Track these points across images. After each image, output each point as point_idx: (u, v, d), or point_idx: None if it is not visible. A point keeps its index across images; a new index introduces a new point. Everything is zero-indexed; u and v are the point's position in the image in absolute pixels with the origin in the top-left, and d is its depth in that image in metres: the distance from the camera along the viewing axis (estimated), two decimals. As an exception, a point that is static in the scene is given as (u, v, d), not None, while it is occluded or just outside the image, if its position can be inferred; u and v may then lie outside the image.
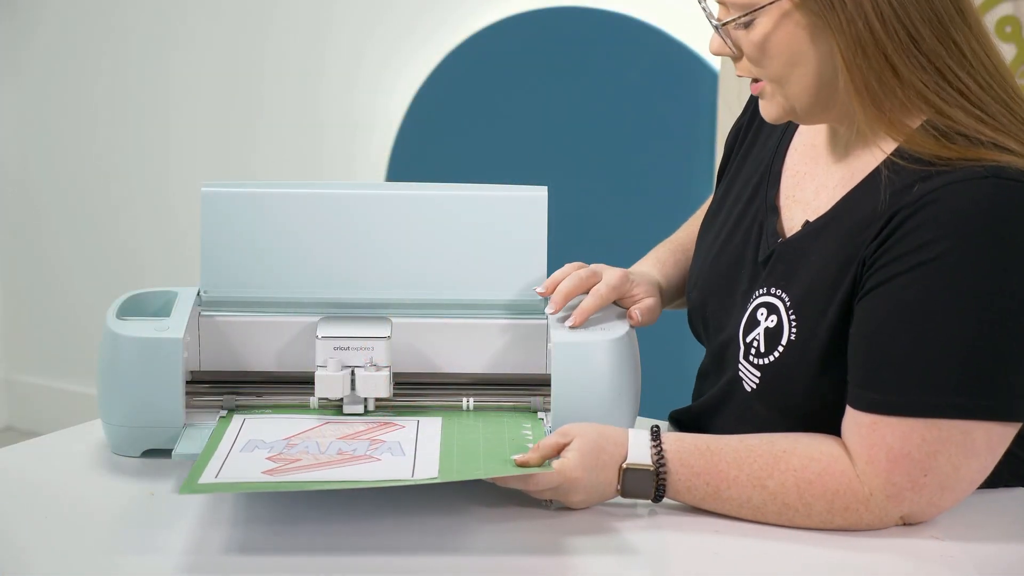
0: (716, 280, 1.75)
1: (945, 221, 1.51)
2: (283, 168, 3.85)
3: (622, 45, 3.37)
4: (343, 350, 1.70)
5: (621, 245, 2.00)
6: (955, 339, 1.50)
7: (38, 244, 4.20)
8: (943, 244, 1.51)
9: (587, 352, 1.68)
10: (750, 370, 1.65)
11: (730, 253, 1.74)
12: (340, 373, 1.69)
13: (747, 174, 1.79)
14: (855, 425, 1.54)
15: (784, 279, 1.64)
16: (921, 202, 1.53)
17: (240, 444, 1.63)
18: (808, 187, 1.69)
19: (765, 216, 1.71)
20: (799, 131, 1.75)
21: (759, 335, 1.64)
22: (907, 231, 1.53)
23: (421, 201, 1.79)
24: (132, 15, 3.96)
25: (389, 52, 3.69)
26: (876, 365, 1.53)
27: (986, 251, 1.50)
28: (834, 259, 1.59)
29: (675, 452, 1.56)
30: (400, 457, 1.60)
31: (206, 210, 1.77)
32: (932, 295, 1.51)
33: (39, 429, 4.07)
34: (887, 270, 1.53)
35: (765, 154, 1.78)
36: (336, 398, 1.71)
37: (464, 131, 3.57)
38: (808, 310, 1.60)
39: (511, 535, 1.52)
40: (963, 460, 1.52)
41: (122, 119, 4.02)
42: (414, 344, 1.76)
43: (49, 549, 1.50)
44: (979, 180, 1.51)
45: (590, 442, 1.56)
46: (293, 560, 1.47)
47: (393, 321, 1.74)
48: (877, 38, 1.54)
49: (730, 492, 1.55)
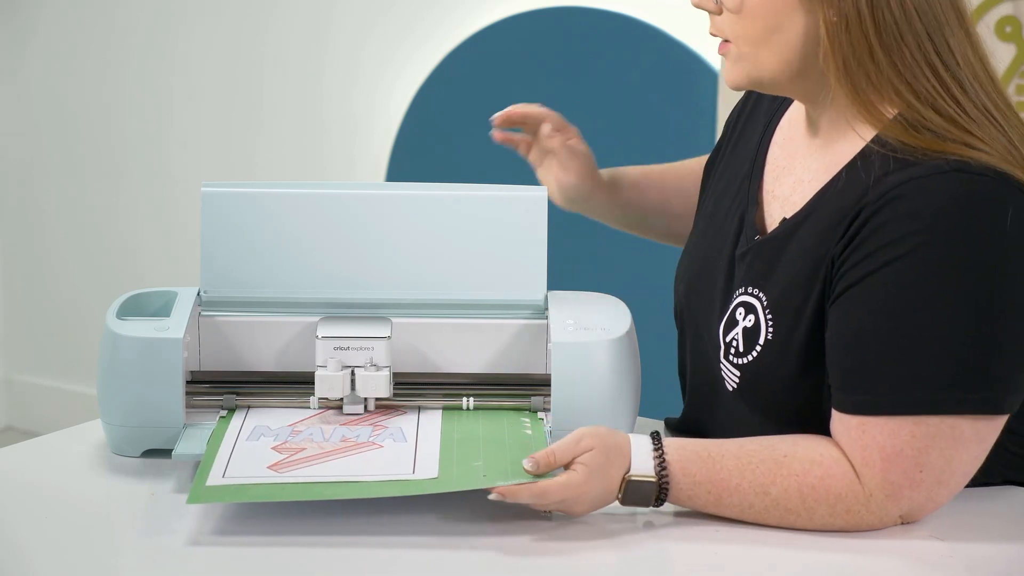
0: (697, 274, 1.76)
1: (912, 216, 1.51)
2: (283, 168, 3.85)
3: (622, 45, 3.37)
4: (343, 350, 1.70)
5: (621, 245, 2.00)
6: (932, 334, 1.50)
7: (38, 244, 4.20)
8: (911, 240, 1.50)
9: (587, 352, 1.68)
10: (730, 370, 1.65)
11: (713, 247, 1.74)
12: (340, 373, 1.69)
13: (733, 168, 1.79)
14: (844, 428, 1.54)
15: (762, 278, 1.64)
16: (886, 198, 1.52)
17: (246, 433, 1.65)
18: (786, 182, 1.69)
19: (746, 209, 1.71)
20: (780, 125, 1.75)
21: (738, 334, 1.64)
22: (873, 228, 1.52)
23: (421, 201, 1.79)
24: (132, 15, 3.96)
25: (389, 52, 3.69)
26: (856, 367, 1.53)
27: (956, 245, 1.50)
28: (808, 258, 1.59)
29: (677, 461, 1.55)
30: (402, 443, 1.63)
31: (206, 210, 1.77)
32: (905, 291, 1.51)
33: (39, 429, 4.07)
34: (857, 270, 1.53)
35: (749, 148, 1.77)
36: (336, 398, 1.71)
37: (464, 131, 3.57)
38: (784, 310, 1.60)
39: (510, 535, 1.52)
40: (955, 453, 1.52)
41: (122, 119, 4.02)
42: (414, 344, 1.77)
43: (49, 549, 1.50)
44: (944, 174, 1.51)
45: (600, 455, 1.53)
46: (293, 560, 1.47)
47: (393, 321, 1.74)
48: (862, 17, 1.54)
49: (732, 500, 1.55)
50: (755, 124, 1.79)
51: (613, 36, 3.38)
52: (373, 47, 3.71)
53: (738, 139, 1.81)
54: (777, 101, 1.78)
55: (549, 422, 1.69)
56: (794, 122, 1.73)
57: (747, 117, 1.82)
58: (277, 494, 1.52)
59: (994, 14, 2.76)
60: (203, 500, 1.51)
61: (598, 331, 1.70)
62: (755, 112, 1.81)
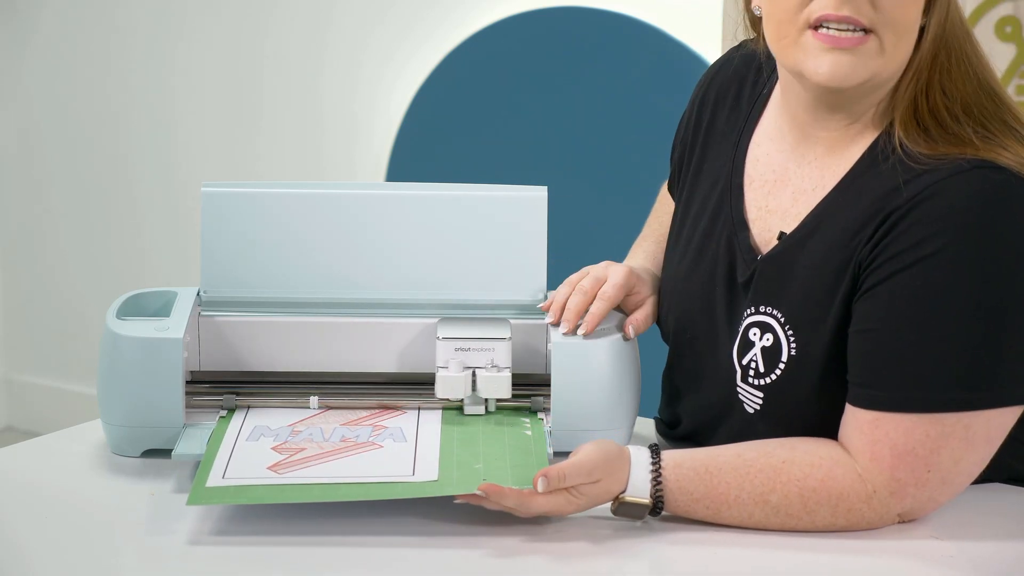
0: (692, 305, 1.72)
1: (940, 217, 1.51)
2: (284, 168, 3.85)
3: (622, 45, 3.37)
4: (464, 351, 1.70)
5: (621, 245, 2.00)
6: (957, 334, 1.50)
7: (38, 244, 4.19)
8: (940, 240, 1.51)
9: (587, 352, 1.68)
10: (751, 392, 1.64)
11: (702, 274, 1.71)
12: (462, 374, 1.70)
13: (705, 188, 1.75)
14: (856, 422, 1.54)
15: (773, 295, 1.62)
16: (914, 200, 1.53)
17: (246, 433, 1.65)
18: (783, 195, 1.67)
19: (734, 233, 1.68)
20: (753, 141, 1.72)
21: (756, 356, 1.63)
22: (902, 230, 1.53)
23: (421, 201, 1.79)
24: (132, 15, 3.96)
25: (389, 52, 3.69)
26: (877, 362, 1.53)
27: (983, 244, 1.50)
28: (827, 265, 1.58)
29: (674, 480, 1.54)
30: (402, 443, 1.63)
31: (206, 210, 1.77)
32: (932, 291, 1.51)
33: (39, 429, 4.06)
34: (885, 268, 1.53)
35: (722, 167, 1.73)
36: (457, 399, 1.71)
37: (464, 131, 3.57)
38: (805, 322, 1.59)
39: (508, 536, 1.52)
40: (964, 454, 1.52)
41: (122, 119, 4.02)
42: (414, 344, 1.76)
43: (49, 549, 1.50)
44: (966, 173, 1.52)
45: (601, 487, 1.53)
46: (293, 558, 1.47)
47: (395, 321, 1.74)
48: (946, 30, 1.56)
49: (731, 512, 1.54)
50: (722, 144, 1.75)
51: (613, 36, 3.37)
52: (373, 47, 3.70)
53: (701, 159, 1.78)
54: (739, 112, 1.75)
55: (549, 422, 1.69)
56: (772, 137, 1.70)
57: (705, 135, 1.78)
58: (277, 496, 1.52)
59: (994, 14, 2.76)
60: (203, 502, 1.51)
61: (598, 331, 1.70)
62: (712, 128, 1.78)
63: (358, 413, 1.72)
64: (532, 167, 3.49)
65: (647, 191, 3.37)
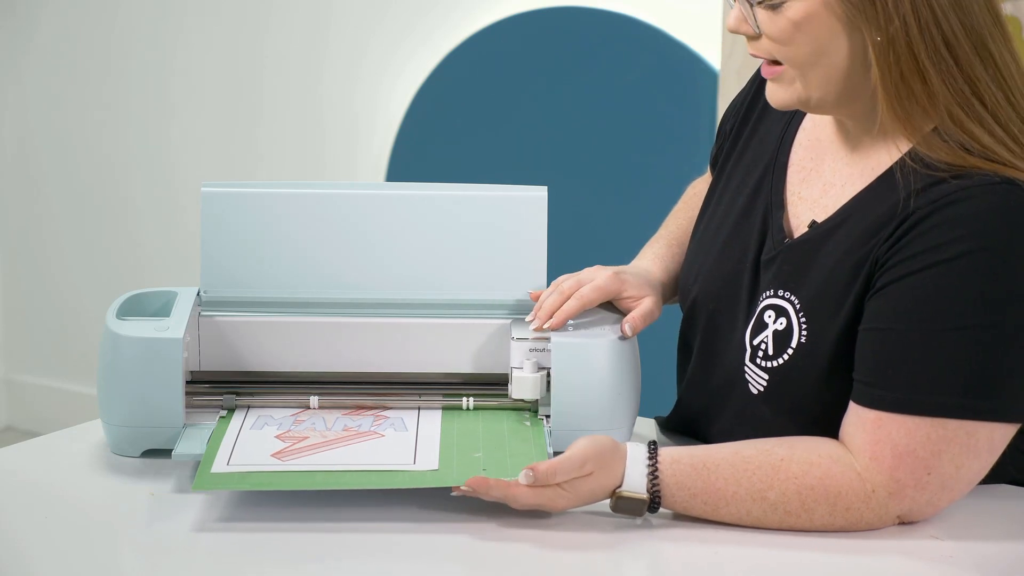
0: (721, 278, 1.73)
1: (963, 223, 1.51)
2: (283, 168, 3.85)
3: (622, 45, 3.37)
4: (538, 351, 1.70)
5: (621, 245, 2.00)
6: (966, 339, 1.50)
7: (38, 244, 4.20)
8: (959, 245, 1.50)
9: (587, 352, 1.68)
10: (757, 373, 1.64)
11: (736, 248, 1.72)
12: (537, 375, 1.70)
13: (748, 163, 1.77)
14: (859, 421, 1.54)
15: (793, 281, 1.63)
16: (938, 204, 1.52)
17: (249, 423, 1.68)
18: (815, 184, 1.68)
19: (771, 211, 1.70)
20: (803, 126, 1.73)
21: (767, 338, 1.63)
22: (922, 231, 1.52)
23: (421, 201, 1.79)
24: (132, 15, 3.96)
25: (389, 52, 3.69)
26: (885, 362, 1.53)
27: (1002, 255, 1.50)
28: (847, 261, 1.58)
29: (672, 475, 1.55)
30: (403, 432, 1.65)
31: (206, 210, 1.77)
32: (945, 294, 1.51)
33: (39, 429, 4.07)
34: (900, 268, 1.53)
35: (768, 144, 1.75)
36: (532, 399, 1.71)
37: (464, 131, 3.57)
38: (819, 313, 1.59)
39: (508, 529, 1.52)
40: (965, 460, 1.52)
41: (122, 119, 4.02)
42: (414, 344, 1.77)
43: (49, 549, 1.50)
44: (995, 185, 1.52)
45: (594, 480, 1.53)
46: (293, 558, 1.47)
47: (395, 321, 1.75)
48: (911, 39, 1.52)
49: (729, 508, 1.54)
50: (772, 121, 1.77)
51: (613, 36, 3.38)
52: (373, 47, 3.71)
53: (751, 134, 1.79)
54: None
55: (549, 422, 1.69)
56: (819, 124, 1.71)
57: (760, 111, 1.79)
58: (280, 482, 1.53)
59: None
60: (208, 487, 1.53)
61: (598, 331, 1.71)
62: (769, 107, 1.77)
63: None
64: (532, 167, 3.49)
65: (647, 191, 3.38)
